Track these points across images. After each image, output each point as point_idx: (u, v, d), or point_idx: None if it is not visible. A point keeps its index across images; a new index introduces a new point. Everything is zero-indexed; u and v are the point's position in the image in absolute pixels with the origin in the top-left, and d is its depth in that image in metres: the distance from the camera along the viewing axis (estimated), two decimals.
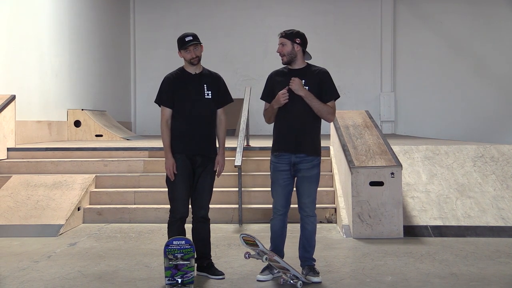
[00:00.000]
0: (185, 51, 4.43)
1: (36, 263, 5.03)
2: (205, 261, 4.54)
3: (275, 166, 4.39)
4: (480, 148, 7.68)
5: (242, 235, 4.22)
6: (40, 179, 7.39)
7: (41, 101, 11.01)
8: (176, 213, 4.45)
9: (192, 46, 4.42)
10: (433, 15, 16.90)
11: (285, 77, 4.38)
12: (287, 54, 4.35)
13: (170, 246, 4.14)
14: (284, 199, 4.40)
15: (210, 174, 4.53)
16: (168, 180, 4.46)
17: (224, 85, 4.62)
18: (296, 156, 4.32)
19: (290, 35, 4.34)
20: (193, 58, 4.44)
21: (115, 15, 15.78)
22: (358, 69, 16.92)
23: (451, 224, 6.22)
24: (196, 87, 4.46)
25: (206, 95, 4.47)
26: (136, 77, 16.95)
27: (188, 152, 4.43)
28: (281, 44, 4.36)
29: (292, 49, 4.34)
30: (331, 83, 4.40)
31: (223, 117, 4.60)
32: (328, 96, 4.37)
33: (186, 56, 4.44)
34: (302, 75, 4.34)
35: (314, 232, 4.47)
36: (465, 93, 16.78)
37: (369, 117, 7.89)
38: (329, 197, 7.26)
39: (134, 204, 7.27)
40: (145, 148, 8.48)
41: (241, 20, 16.76)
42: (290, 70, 4.41)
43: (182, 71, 4.54)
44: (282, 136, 4.38)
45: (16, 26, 10.13)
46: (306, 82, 4.31)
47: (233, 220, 6.96)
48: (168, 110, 4.47)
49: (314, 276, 4.34)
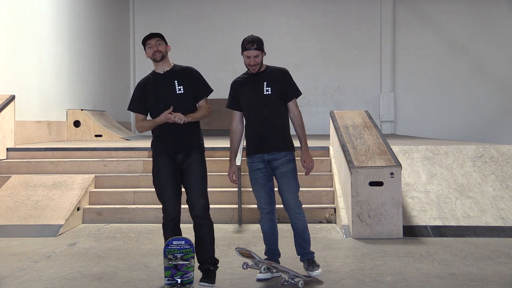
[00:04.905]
0: (147, 46, 4.33)
1: (35, 263, 5.03)
2: (204, 265, 4.35)
3: (251, 167, 4.47)
4: (480, 148, 7.68)
5: (237, 249, 4.22)
6: (39, 179, 7.40)
7: (40, 101, 11.01)
8: (168, 215, 4.35)
9: (154, 41, 4.31)
10: (432, 15, 16.91)
11: (247, 83, 4.46)
12: (259, 64, 4.40)
13: (170, 246, 4.14)
14: (266, 196, 4.46)
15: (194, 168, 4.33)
16: (155, 182, 4.38)
17: (199, 77, 4.44)
18: (269, 154, 4.40)
19: (261, 45, 4.38)
20: (155, 52, 4.30)
21: (115, 15, 15.77)
22: (357, 69, 16.93)
23: (451, 224, 6.22)
24: (166, 86, 4.34)
25: (178, 91, 4.33)
26: (136, 77, 16.93)
27: (169, 152, 4.31)
28: (255, 56, 4.35)
29: (262, 58, 4.42)
30: (292, 82, 4.50)
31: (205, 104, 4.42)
32: (291, 95, 4.47)
33: (149, 52, 4.33)
34: (263, 78, 4.42)
35: (306, 228, 4.52)
36: (464, 93, 16.79)
37: (369, 117, 7.89)
38: (328, 197, 7.27)
39: (134, 204, 7.28)
40: (144, 148, 8.48)
41: (241, 20, 16.75)
42: (251, 75, 4.47)
43: (152, 74, 4.45)
44: (252, 139, 4.46)
45: (15, 26, 10.13)
46: (268, 83, 4.40)
47: (233, 220, 6.97)
48: (141, 116, 4.42)
49: (314, 270, 4.43)
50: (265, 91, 4.39)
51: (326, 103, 16.79)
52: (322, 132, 15.45)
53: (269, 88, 4.39)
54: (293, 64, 16.21)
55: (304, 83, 16.49)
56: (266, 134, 4.39)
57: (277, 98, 4.41)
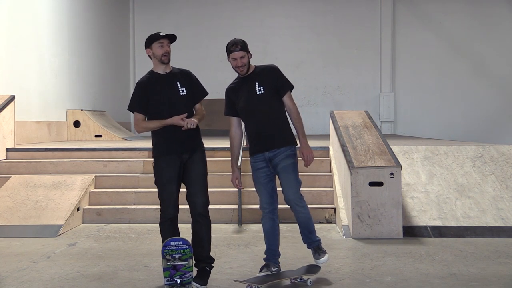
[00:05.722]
0: (158, 44, 4.30)
1: (35, 264, 5.03)
2: (200, 264, 4.36)
3: (254, 166, 4.52)
4: (480, 148, 7.68)
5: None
6: (39, 180, 7.40)
7: (40, 101, 11.01)
8: (166, 214, 4.38)
9: (167, 41, 4.32)
10: (432, 15, 16.91)
11: (239, 87, 4.52)
12: (246, 65, 4.46)
13: (168, 247, 4.14)
14: (268, 195, 4.50)
15: (197, 166, 4.36)
16: (157, 181, 4.38)
17: (196, 80, 4.50)
18: (270, 152, 4.45)
19: (245, 46, 4.46)
20: (166, 53, 4.31)
21: (115, 15, 15.78)
22: (357, 69, 16.94)
23: (451, 225, 6.22)
24: (169, 87, 4.34)
25: (181, 92, 4.35)
26: (136, 77, 16.94)
27: (173, 153, 4.31)
28: (241, 57, 4.42)
29: (248, 59, 4.47)
30: (283, 77, 4.54)
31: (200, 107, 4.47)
32: (284, 89, 4.51)
33: (158, 50, 4.30)
34: (254, 78, 4.48)
35: (310, 219, 4.55)
36: (464, 93, 16.79)
37: (369, 118, 7.89)
38: (328, 197, 7.27)
39: (134, 205, 7.28)
40: (144, 148, 8.48)
41: (241, 20, 16.75)
42: (243, 78, 4.53)
43: (152, 74, 4.43)
44: (253, 140, 4.51)
45: (15, 26, 10.13)
46: (260, 83, 4.45)
47: (233, 220, 6.97)
48: (141, 115, 4.38)
49: (320, 257, 4.54)
50: (257, 91, 4.43)
51: (326, 103, 16.79)
52: (322, 132, 15.44)
53: (262, 87, 4.43)
54: (293, 64, 16.23)
55: (304, 83, 16.52)
56: (264, 133, 4.43)
57: (271, 95, 4.45)
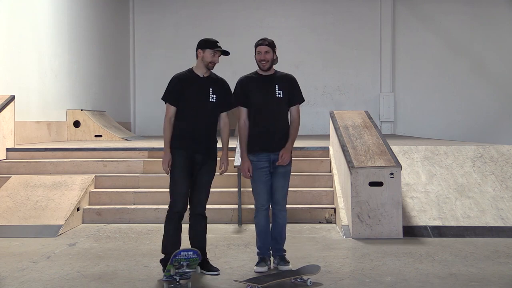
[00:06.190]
0: (212, 53, 4.56)
1: (35, 264, 5.03)
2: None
3: (256, 165, 4.64)
4: (480, 148, 7.68)
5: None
6: (39, 180, 7.40)
7: (40, 101, 11.01)
8: (175, 207, 4.55)
9: (219, 53, 4.60)
10: (432, 16, 16.92)
11: (257, 82, 4.67)
12: (270, 61, 4.63)
13: (178, 256, 4.17)
14: (267, 194, 4.68)
15: (208, 172, 4.65)
16: (172, 175, 4.56)
17: (229, 90, 4.73)
18: (275, 154, 4.61)
19: (272, 44, 4.67)
20: (214, 62, 4.59)
21: (115, 15, 15.78)
22: (357, 69, 16.94)
23: (451, 225, 6.22)
24: (202, 90, 4.58)
25: (211, 98, 4.58)
26: (136, 77, 16.96)
27: (188, 150, 4.53)
28: (266, 52, 4.60)
29: (273, 57, 4.65)
30: (299, 89, 4.78)
31: (227, 120, 4.75)
32: (296, 100, 4.72)
33: (209, 57, 4.57)
34: (272, 81, 4.66)
35: (285, 225, 4.77)
36: (464, 93, 16.80)
37: (369, 118, 7.89)
38: (328, 197, 7.27)
39: (134, 205, 7.28)
40: (144, 148, 8.48)
41: (241, 20, 16.76)
42: (260, 75, 4.70)
43: (190, 72, 4.66)
44: (259, 138, 4.62)
45: (15, 26, 10.13)
46: (280, 87, 4.63)
47: (233, 220, 6.97)
48: (173, 108, 4.58)
49: (285, 265, 4.68)
50: (277, 94, 4.62)
51: (326, 103, 16.79)
52: (322, 132, 15.45)
53: (281, 91, 4.64)
54: (293, 64, 16.22)
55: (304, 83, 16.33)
56: (274, 135, 4.60)
57: (286, 102, 4.67)
